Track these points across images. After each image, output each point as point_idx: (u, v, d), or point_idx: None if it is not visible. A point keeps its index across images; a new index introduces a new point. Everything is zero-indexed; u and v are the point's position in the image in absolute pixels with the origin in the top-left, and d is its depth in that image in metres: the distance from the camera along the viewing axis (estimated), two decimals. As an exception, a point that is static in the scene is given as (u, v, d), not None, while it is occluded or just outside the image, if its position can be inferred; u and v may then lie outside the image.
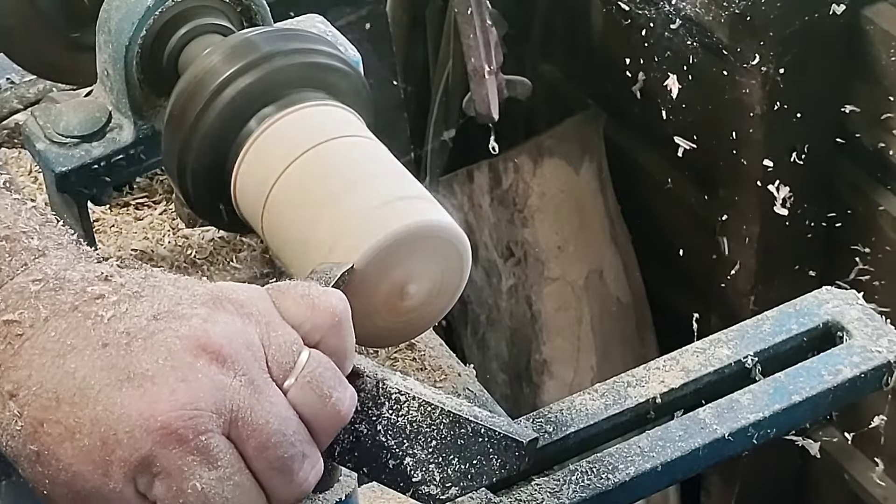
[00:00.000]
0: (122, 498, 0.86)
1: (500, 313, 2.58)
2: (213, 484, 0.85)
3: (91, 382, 0.85)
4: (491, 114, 2.36)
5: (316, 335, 0.90)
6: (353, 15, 2.37)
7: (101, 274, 0.89)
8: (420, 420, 0.92)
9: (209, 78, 1.08)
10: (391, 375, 0.93)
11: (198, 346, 0.85)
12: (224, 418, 0.85)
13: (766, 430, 1.14)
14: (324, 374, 0.88)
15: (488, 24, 2.35)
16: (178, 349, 0.85)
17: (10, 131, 1.40)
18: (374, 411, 0.93)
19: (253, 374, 0.86)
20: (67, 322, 0.87)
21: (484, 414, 0.92)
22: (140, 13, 1.15)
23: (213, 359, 0.85)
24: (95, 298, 0.88)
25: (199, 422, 0.84)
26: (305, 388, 0.88)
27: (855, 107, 2.02)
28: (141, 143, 1.20)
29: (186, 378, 0.84)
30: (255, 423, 0.86)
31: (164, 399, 0.84)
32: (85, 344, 0.86)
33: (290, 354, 0.88)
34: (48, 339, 0.87)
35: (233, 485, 0.85)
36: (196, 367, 0.85)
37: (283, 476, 0.87)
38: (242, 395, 0.85)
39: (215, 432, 0.85)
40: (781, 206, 2.09)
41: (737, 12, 1.99)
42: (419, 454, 0.93)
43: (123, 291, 0.88)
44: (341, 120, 1.09)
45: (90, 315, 0.87)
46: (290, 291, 0.91)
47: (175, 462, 0.84)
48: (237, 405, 0.85)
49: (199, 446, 0.84)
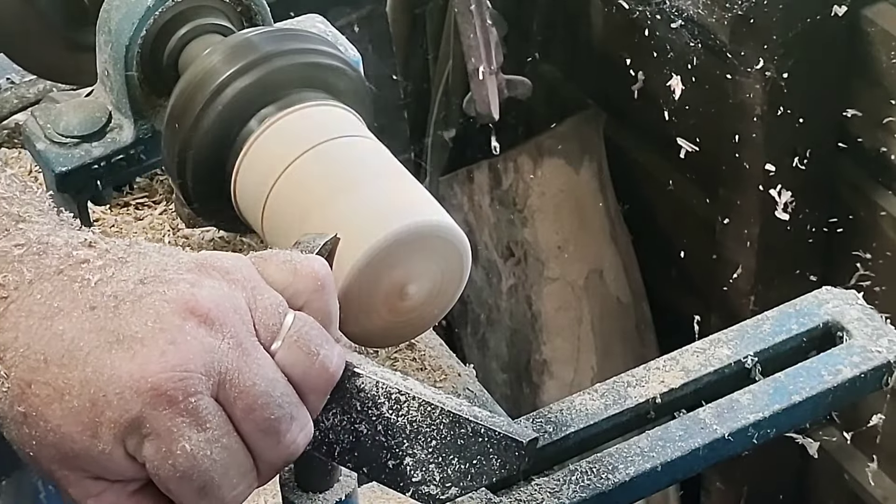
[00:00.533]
0: (111, 459, 0.86)
1: (500, 313, 2.58)
2: (202, 445, 0.85)
3: (80, 344, 0.85)
4: (491, 114, 2.37)
5: (299, 299, 0.90)
6: (353, 15, 2.37)
7: (85, 240, 0.90)
8: (420, 420, 0.92)
9: (209, 78, 1.08)
10: (391, 375, 0.93)
11: (186, 310, 0.86)
12: (213, 380, 0.85)
13: (766, 430, 1.14)
14: (310, 333, 0.89)
15: (488, 24, 2.35)
16: (166, 312, 0.85)
17: (10, 131, 1.40)
18: (374, 411, 0.93)
19: (241, 337, 0.87)
20: (53, 285, 0.87)
21: (484, 414, 0.92)
22: (140, 13, 1.15)
23: (201, 322, 0.86)
24: (81, 263, 0.88)
25: (189, 383, 0.84)
26: (293, 347, 0.88)
27: (856, 109, 2.02)
28: (141, 143, 1.20)
29: (176, 340, 0.85)
30: (242, 384, 0.86)
31: (154, 361, 0.84)
32: (72, 306, 0.86)
33: (277, 316, 0.88)
34: (34, 301, 0.87)
35: (221, 447, 0.86)
36: (185, 329, 0.85)
37: (270, 438, 0.87)
38: (231, 358, 0.86)
39: (204, 394, 0.85)
40: (783, 210, 2.09)
41: (739, 14, 1.99)
42: (419, 454, 0.93)
43: (108, 257, 0.89)
44: (341, 120, 1.09)
45: (76, 279, 0.87)
46: (272, 258, 0.92)
47: (165, 423, 0.84)
48: (225, 367, 0.86)
49: (189, 408, 0.84)
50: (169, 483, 0.86)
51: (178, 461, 0.85)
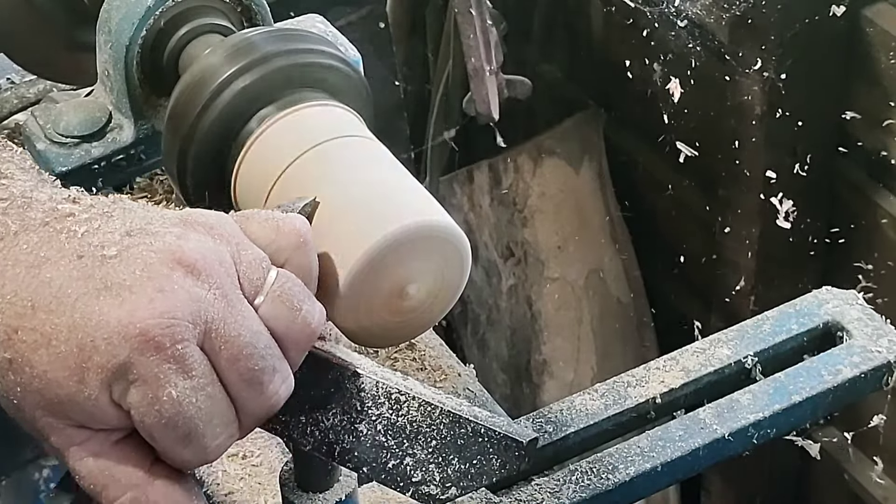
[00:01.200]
0: (97, 405, 0.86)
1: (500, 313, 2.58)
2: (188, 393, 0.86)
3: (68, 291, 0.86)
4: (491, 114, 2.37)
5: (282, 256, 0.92)
6: (353, 15, 2.37)
7: (69, 196, 0.91)
8: (420, 420, 0.92)
9: (209, 78, 1.08)
10: (391, 375, 0.93)
11: (173, 260, 0.87)
12: (199, 329, 0.86)
13: (766, 430, 1.14)
14: (293, 289, 0.90)
15: (488, 24, 2.35)
16: (154, 262, 0.87)
17: (10, 131, 1.40)
18: (373, 411, 0.93)
19: (226, 289, 0.88)
20: (39, 236, 0.88)
21: (484, 414, 0.92)
22: (140, 13, 1.15)
23: (188, 272, 0.87)
24: (66, 216, 0.89)
25: (177, 330, 0.85)
26: (276, 301, 0.89)
27: (856, 111, 2.02)
28: (141, 143, 1.20)
29: (163, 289, 0.86)
30: (227, 334, 0.87)
31: (142, 307, 0.85)
32: (59, 256, 0.87)
33: (260, 271, 0.90)
34: (20, 251, 0.88)
35: (205, 395, 0.87)
36: (172, 278, 0.86)
37: (252, 388, 0.88)
38: (216, 308, 0.87)
39: (191, 342, 0.86)
40: (784, 219, 2.09)
41: (738, 14, 1.99)
42: (419, 454, 0.93)
43: (94, 211, 0.90)
44: (341, 120, 1.09)
45: (62, 230, 0.88)
46: (254, 216, 0.93)
47: (152, 369, 0.85)
48: (211, 317, 0.87)
49: (176, 354, 0.85)
50: (153, 430, 0.87)
51: (164, 407, 0.86)
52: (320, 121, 1.08)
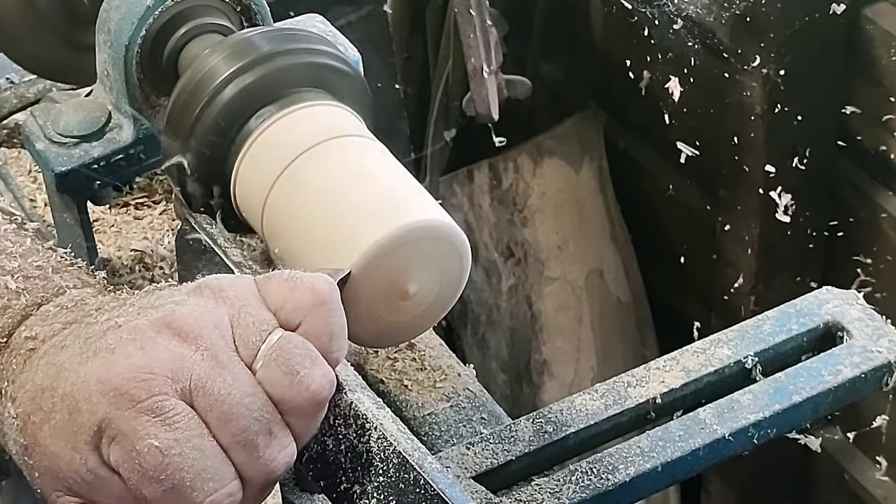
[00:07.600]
0: (90, 470, 0.86)
1: (500, 313, 2.58)
2: (171, 444, 0.85)
3: (67, 366, 0.87)
4: (491, 114, 2.36)
5: (298, 315, 0.90)
6: (353, 15, 2.37)
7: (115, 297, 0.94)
8: (375, 452, 0.91)
9: (209, 78, 1.08)
10: (366, 399, 0.92)
11: (162, 325, 0.87)
12: (182, 385, 0.86)
13: (766, 431, 1.14)
14: (292, 352, 0.89)
15: (488, 24, 2.35)
16: (143, 327, 0.87)
17: (10, 131, 1.40)
18: (342, 430, 0.92)
19: (217, 350, 0.87)
20: (70, 329, 0.90)
21: (435, 466, 0.90)
22: (140, 13, 1.15)
23: (174, 334, 0.87)
24: (98, 309, 0.92)
25: (153, 384, 0.85)
26: (271, 365, 0.88)
27: (856, 108, 2.02)
28: (141, 143, 1.20)
29: (144, 347, 0.86)
30: (215, 393, 0.86)
31: (118, 363, 0.86)
32: (73, 340, 0.89)
33: (259, 334, 0.89)
34: (51, 346, 0.90)
35: (192, 447, 0.85)
36: (156, 340, 0.87)
37: (248, 452, 0.87)
38: (203, 367, 0.86)
39: (170, 395, 0.86)
40: (784, 213, 2.09)
41: (737, 13, 1.99)
42: (366, 485, 0.91)
43: (127, 300, 0.92)
44: (341, 120, 1.09)
45: (89, 321, 0.90)
46: (275, 276, 0.93)
47: (129, 422, 0.85)
48: (197, 375, 0.86)
49: (154, 406, 0.85)
50: (141, 485, 0.86)
51: (145, 458, 0.85)
52: (320, 120, 1.08)
